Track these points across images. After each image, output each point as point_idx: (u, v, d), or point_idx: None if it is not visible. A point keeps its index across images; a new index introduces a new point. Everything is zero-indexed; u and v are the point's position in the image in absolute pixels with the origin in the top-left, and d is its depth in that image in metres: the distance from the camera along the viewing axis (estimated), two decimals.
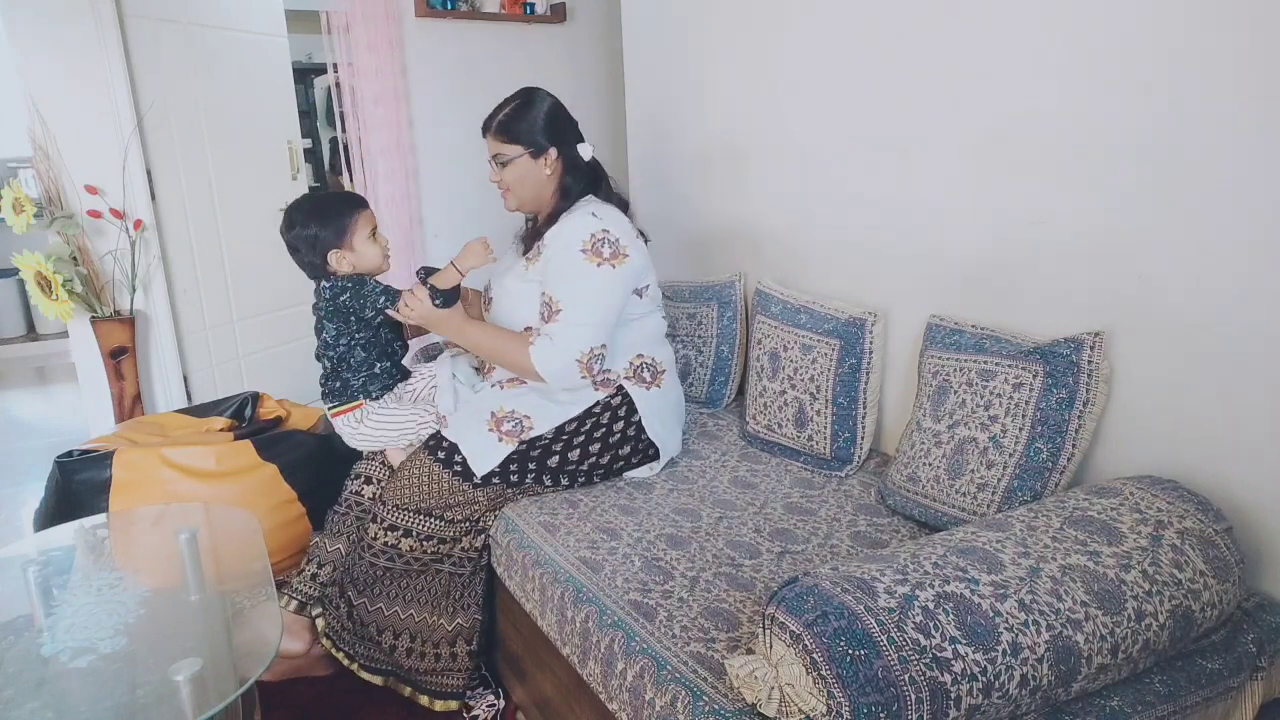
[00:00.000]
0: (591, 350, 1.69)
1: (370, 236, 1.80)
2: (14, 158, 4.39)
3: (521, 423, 1.73)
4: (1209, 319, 1.28)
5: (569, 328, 1.68)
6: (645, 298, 1.82)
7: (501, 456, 1.70)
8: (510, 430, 1.72)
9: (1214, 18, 1.22)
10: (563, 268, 1.70)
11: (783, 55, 2.09)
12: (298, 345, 3.93)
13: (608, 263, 1.69)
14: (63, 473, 2.25)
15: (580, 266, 1.69)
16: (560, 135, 1.79)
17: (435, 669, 1.72)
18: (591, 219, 1.72)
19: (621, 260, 1.71)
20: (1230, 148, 1.22)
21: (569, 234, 1.71)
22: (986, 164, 1.60)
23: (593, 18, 4.07)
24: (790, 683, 0.94)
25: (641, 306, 1.82)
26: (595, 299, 1.70)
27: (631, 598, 1.33)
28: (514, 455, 1.71)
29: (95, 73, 2.90)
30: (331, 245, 1.76)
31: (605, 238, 1.70)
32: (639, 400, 1.79)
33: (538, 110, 1.78)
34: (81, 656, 1.28)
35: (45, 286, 2.77)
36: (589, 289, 1.69)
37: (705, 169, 2.45)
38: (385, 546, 1.70)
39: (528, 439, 1.72)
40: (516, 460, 1.71)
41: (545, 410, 1.75)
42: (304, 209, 1.79)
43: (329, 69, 3.68)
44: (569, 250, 1.70)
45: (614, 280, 1.70)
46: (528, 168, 1.78)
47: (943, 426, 1.53)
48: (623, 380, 1.80)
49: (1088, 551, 1.06)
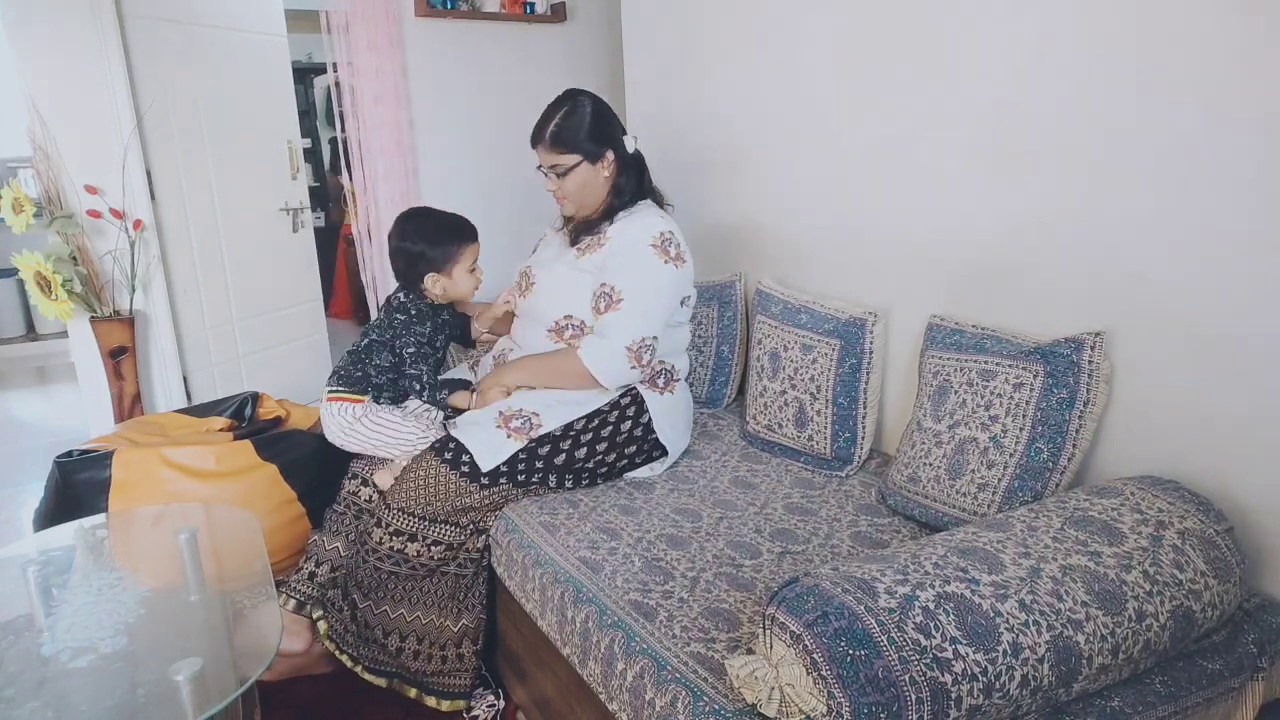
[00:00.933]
0: (643, 340, 1.72)
1: (470, 269, 1.85)
2: (14, 158, 4.39)
3: (530, 420, 1.72)
4: (1209, 319, 1.28)
5: (627, 316, 1.71)
6: (686, 306, 1.87)
7: (509, 452, 1.69)
8: (519, 427, 1.71)
9: (1214, 18, 1.21)
10: (631, 260, 1.74)
11: (782, 56, 2.09)
12: (298, 345, 3.93)
13: (673, 261, 1.76)
14: (62, 473, 2.25)
15: (649, 261, 1.73)
16: (610, 135, 1.81)
17: (443, 670, 1.72)
18: (660, 219, 1.79)
19: (682, 263, 1.78)
20: (1231, 148, 1.22)
21: (639, 230, 1.76)
22: (987, 164, 1.60)
23: (593, 18, 4.06)
24: (790, 683, 0.93)
25: (681, 315, 1.86)
26: (657, 292, 1.75)
27: (632, 598, 1.33)
28: (522, 453, 1.70)
29: (95, 73, 2.90)
30: (432, 268, 1.81)
31: (672, 239, 1.77)
32: (650, 401, 1.80)
33: (585, 114, 1.79)
34: (81, 656, 1.28)
35: (45, 286, 2.77)
36: (653, 282, 1.74)
37: (705, 169, 2.45)
38: (391, 551, 1.69)
39: (537, 436, 1.71)
40: (525, 458, 1.70)
41: (554, 409, 1.75)
42: (419, 225, 1.83)
43: (329, 69, 3.68)
44: (639, 245, 1.74)
45: (675, 279, 1.77)
46: (587, 174, 1.80)
47: (943, 426, 1.53)
48: (639, 384, 1.82)
49: (1088, 552, 1.06)
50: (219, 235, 3.45)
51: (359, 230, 3.92)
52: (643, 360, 1.73)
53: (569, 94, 1.83)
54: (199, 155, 3.34)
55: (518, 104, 1.77)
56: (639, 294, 1.72)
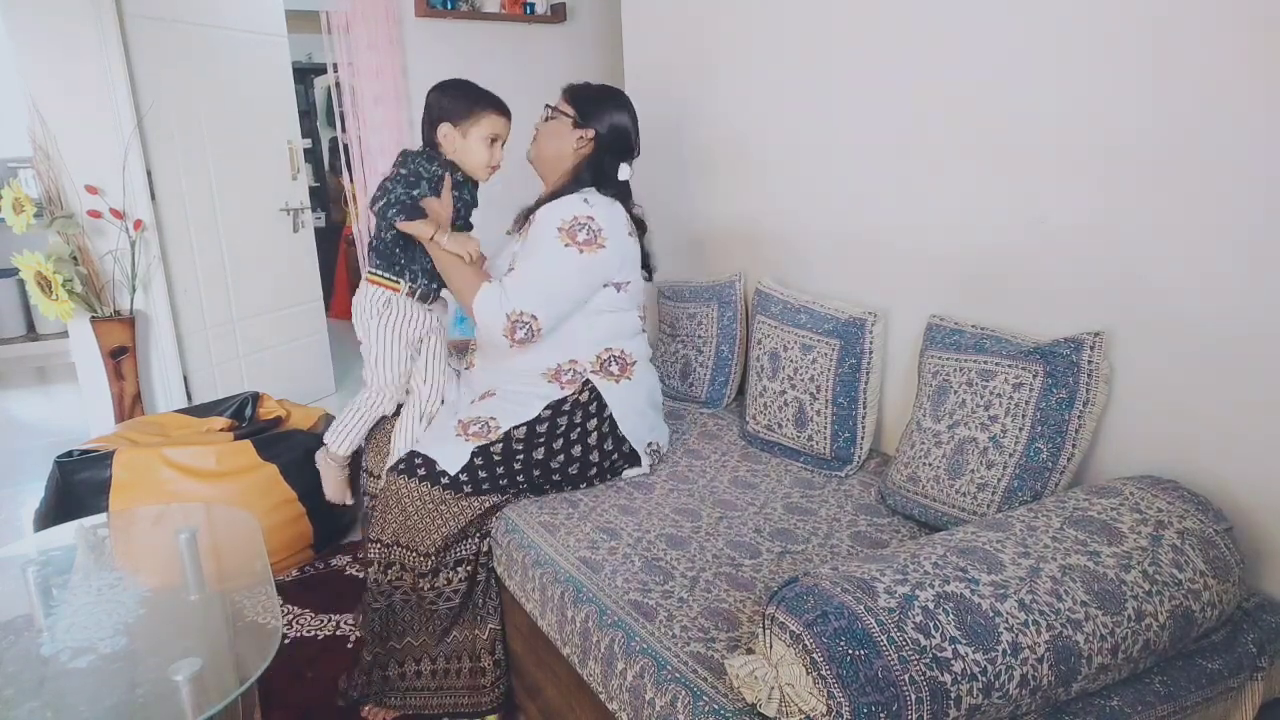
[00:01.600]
0: (520, 314, 1.68)
1: (488, 141, 1.80)
2: (14, 158, 4.39)
3: (488, 424, 1.71)
4: (1209, 319, 1.28)
5: (515, 284, 1.70)
6: (624, 293, 1.81)
7: (469, 452, 1.66)
8: (476, 431, 1.70)
9: (1215, 19, 1.22)
10: (535, 240, 1.73)
11: (782, 55, 2.09)
12: (298, 345, 3.93)
13: (577, 246, 1.70)
14: (63, 473, 2.26)
15: (550, 243, 1.71)
16: (613, 138, 1.84)
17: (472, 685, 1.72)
18: (581, 204, 1.74)
19: (594, 249, 1.71)
20: (1231, 147, 1.22)
21: (553, 212, 1.74)
22: (986, 164, 1.60)
23: (593, 18, 4.07)
24: (790, 683, 0.94)
25: (616, 301, 1.80)
26: (550, 274, 1.71)
27: (631, 598, 1.33)
28: (482, 454, 1.66)
29: (95, 73, 2.90)
30: (446, 118, 1.78)
31: (587, 224, 1.72)
32: (608, 395, 1.77)
33: (613, 105, 1.86)
34: (81, 656, 1.28)
35: (45, 286, 2.77)
36: (548, 264, 1.71)
37: (705, 169, 2.46)
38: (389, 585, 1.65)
39: (495, 438, 1.69)
40: (483, 459, 1.66)
41: (507, 411, 1.74)
42: (455, 82, 1.83)
43: (329, 69, 3.69)
44: (547, 226, 1.73)
45: (578, 265, 1.71)
46: (563, 131, 1.83)
47: (943, 426, 1.53)
48: (589, 374, 1.79)
49: (1088, 551, 1.06)
50: (219, 235, 3.45)
51: (359, 230, 3.92)
52: (515, 335, 1.69)
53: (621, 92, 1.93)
54: (199, 155, 3.35)
55: (518, 104, 1.76)
56: (529, 270, 1.70)
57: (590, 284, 1.75)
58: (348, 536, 2.60)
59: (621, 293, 1.80)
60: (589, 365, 1.79)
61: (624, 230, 1.78)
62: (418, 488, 1.64)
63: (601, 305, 1.79)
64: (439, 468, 1.64)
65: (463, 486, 1.66)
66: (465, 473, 1.65)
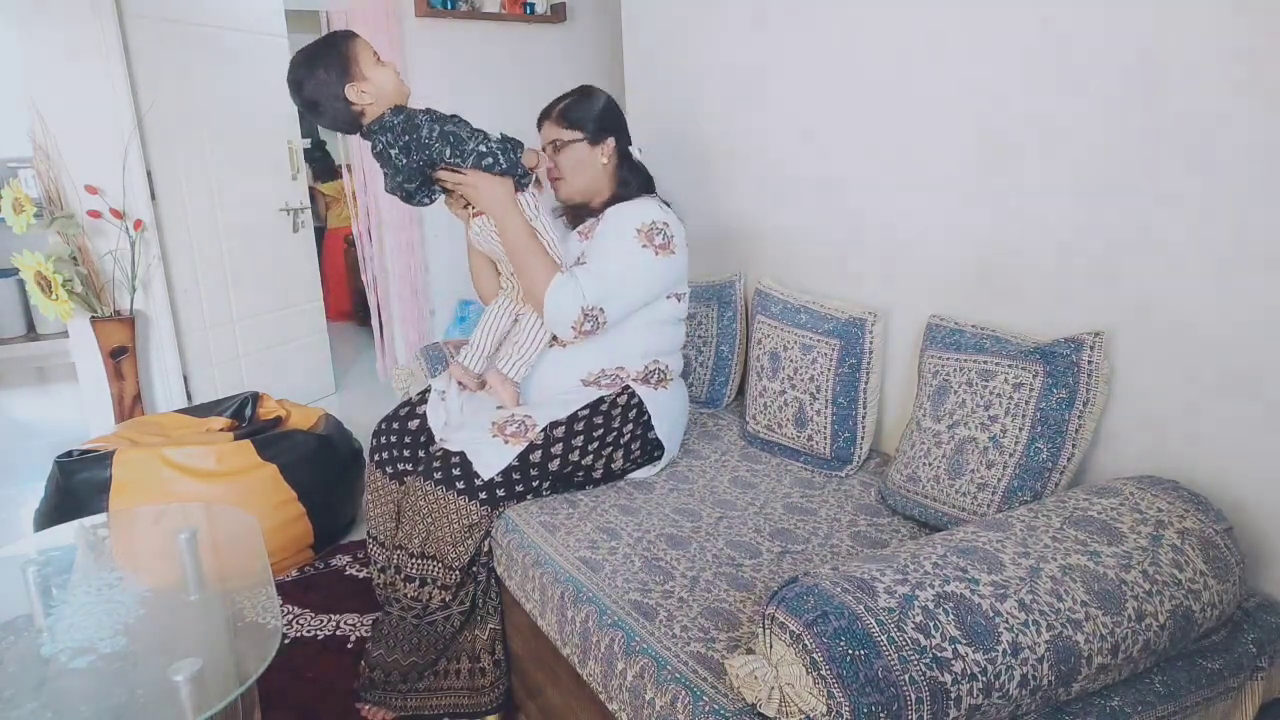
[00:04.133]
0: (596, 307, 1.66)
1: (376, 61, 1.66)
2: (14, 158, 4.39)
3: (524, 423, 1.68)
4: (1209, 319, 1.28)
5: (589, 276, 1.67)
6: (682, 304, 1.84)
7: (512, 456, 1.64)
8: (515, 432, 1.67)
9: (1215, 19, 1.22)
10: (610, 236, 1.72)
11: (782, 55, 2.09)
12: (297, 345, 3.93)
13: (654, 249, 1.71)
14: (63, 473, 2.26)
15: (628, 241, 1.71)
16: (617, 127, 1.84)
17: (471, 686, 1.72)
18: (658, 209, 1.76)
19: (668, 254, 1.73)
20: (1231, 148, 1.22)
21: (631, 212, 1.74)
22: (986, 164, 1.60)
23: (593, 18, 4.07)
24: (790, 683, 0.94)
25: (674, 312, 1.83)
26: (626, 270, 1.70)
27: (631, 598, 1.33)
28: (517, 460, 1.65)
29: (95, 73, 2.91)
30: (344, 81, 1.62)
31: (663, 229, 1.73)
32: (647, 399, 1.78)
33: (597, 101, 1.83)
34: (81, 656, 1.28)
35: (45, 286, 2.77)
36: (625, 260, 1.70)
37: (705, 169, 2.46)
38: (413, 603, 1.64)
39: (535, 438, 1.67)
40: (520, 465, 1.65)
41: (543, 409, 1.73)
42: (297, 63, 1.65)
43: None
44: (624, 226, 1.72)
45: (654, 266, 1.72)
46: (584, 154, 1.80)
47: (943, 426, 1.53)
48: (631, 381, 1.80)
49: (1088, 551, 1.06)
50: (219, 235, 3.45)
51: (359, 230, 3.92)
52: (584, 328, 1.67)
53: (585, 85, 1.88)
54: (199, 155, 3.35)
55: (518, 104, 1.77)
56: (606, 264, 1.69)
57: (658, 288, 1.76)
58: (348, 536, 2.60)
59: (680, 303, 1.83)
60: (635, 373, 1.80)
61: (685, 244, 1.81)
62: (454, 500, 1.62)
63: (664, 315, 1.81)
64: (478, 481, 1.62)
65: (499, 502, 1.65)
66: (501, 475, 1.63)
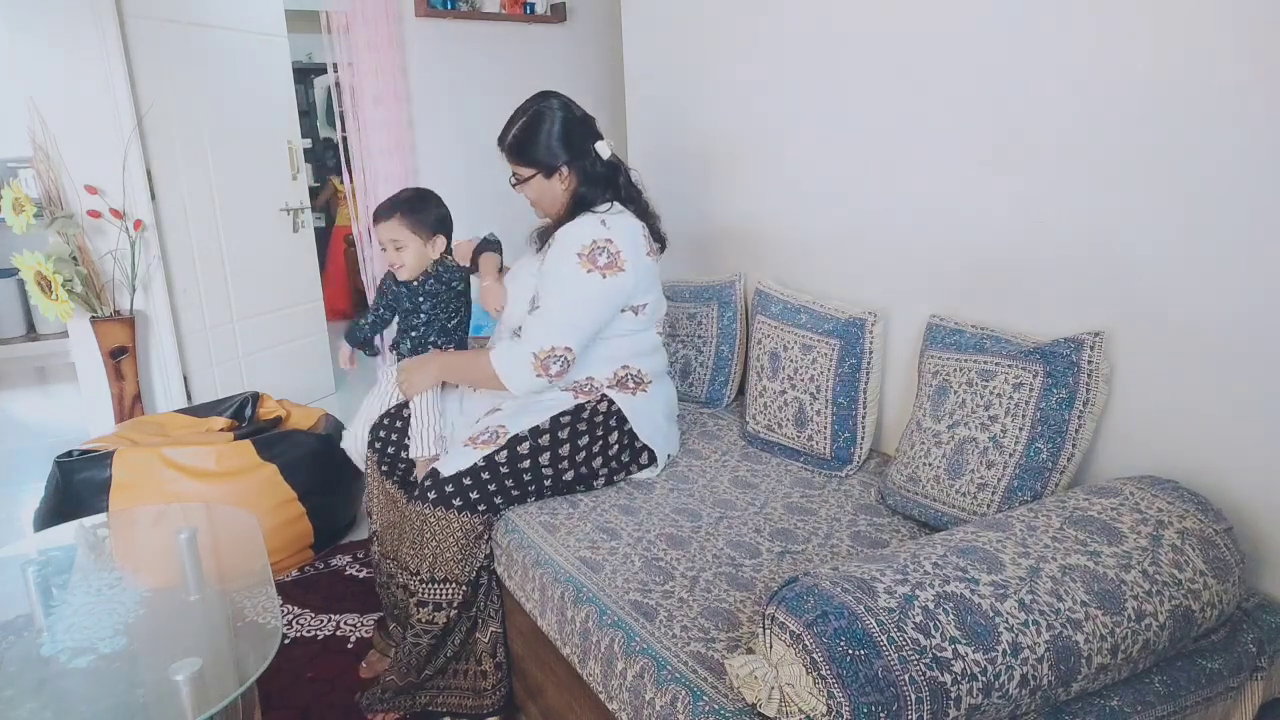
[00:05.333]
0: (552, 350, 1.67)
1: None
2: (14, 158, 4.40)
3: (496, 432, 1.70)
4: (1208, 319, 1.28)
5: (540, 324, 1.69)
6: (641, 315, 1.78)
7: (477, 458, 1.65)
8: (486, 440, 1.69)
9: (1214, 20, 1.22)
10: (555, 268, 1.71)
11: (782, 55, 2.09)
12: (298, 345, 3.93)
13: (599, 271, 1.68)
14: (63, 473, 2.26)
15: (571, 269, 1.68)
16: (572, 148, 1.76)
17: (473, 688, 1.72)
18: (599, 226, 1.71)
19: (615, 272, 1.69)
20: (1230, 148, 1.22)
21: (571, 236, 1.71)
22: (987, 164, 1.60)
23: (593, 18, 4.06)
24: (790, 683, 0.94)
25: (634, 324, 1.79)
26: (575, 302, 1.69)
27: (631, 598, 1.33)
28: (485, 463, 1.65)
29: (95, 73, 2.90)
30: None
31: (606, 247, 1.69)
32: (625, 406, 1.76)
33: (546, 128, 1.75)
34: (81, 656, 1.28)
35: (45, 286, 2.77)
36: (572, 292, 1.69)
37: (705, 169, 2.45)
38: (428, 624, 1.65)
39: (503, 443, 1.68)
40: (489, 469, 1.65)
41: (518, 416, 1.73)
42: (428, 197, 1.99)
43: (329, 69, 3.68)
44: (566, 252, 1.69)
45: (601, 290, 1.69)
46: (542, 186, 1.79)
47: (943, 426, 1.53)
48: (605, 389, 1.78)
49: (1088, 551, 1.06)
50: (219, 235, 3.45)
51: (359, 230, 3.92)
52: (550, 370, 1.68)
53: (535, 99, 1.80)
54: (199, 155, 3.35)
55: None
56: (555, 303, 1.69)
57: (612, 306, 1.73)
58: (348, 536, 2.60)
59: (640, 315, 1.79)
60: (605, 381, 1.79)
61: (642, 250, 1.75)
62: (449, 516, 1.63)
63: (620, 329, 1.78)
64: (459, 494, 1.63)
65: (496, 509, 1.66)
66: (469, 476, 1.64)
